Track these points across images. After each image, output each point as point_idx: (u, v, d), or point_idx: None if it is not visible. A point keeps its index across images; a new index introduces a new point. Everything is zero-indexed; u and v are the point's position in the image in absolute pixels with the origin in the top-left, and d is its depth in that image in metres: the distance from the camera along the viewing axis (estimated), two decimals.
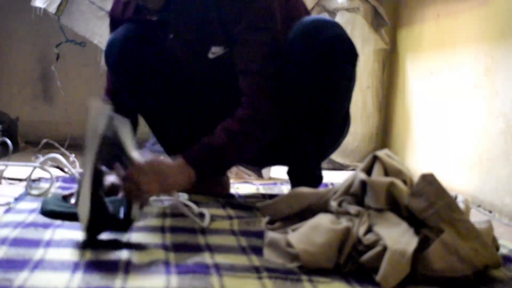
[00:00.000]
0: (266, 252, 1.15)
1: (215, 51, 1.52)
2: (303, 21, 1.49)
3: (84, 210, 1.14)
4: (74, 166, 2.02)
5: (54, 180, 1.70)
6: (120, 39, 1.59)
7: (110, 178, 1.38)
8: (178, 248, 1.16)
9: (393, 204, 1.11)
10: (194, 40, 1.54)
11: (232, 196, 1.75)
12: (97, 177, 1.16)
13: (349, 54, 1.51)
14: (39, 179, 1.83)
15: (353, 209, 1.12)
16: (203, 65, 1.56)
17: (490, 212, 1.78)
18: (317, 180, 1.62)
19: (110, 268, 1.02)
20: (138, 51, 1.59)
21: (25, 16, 2.63)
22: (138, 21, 1.59)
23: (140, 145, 2.45)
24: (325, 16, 2.70)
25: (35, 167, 1.76)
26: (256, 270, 1.04)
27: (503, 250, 1.24)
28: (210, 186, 1.70)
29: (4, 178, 1.86)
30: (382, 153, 1.18)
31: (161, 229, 1.30)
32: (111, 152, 1.20)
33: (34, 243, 1.14)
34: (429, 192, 1.06)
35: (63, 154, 2.09)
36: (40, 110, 3.17)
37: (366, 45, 2.70)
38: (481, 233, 1.05)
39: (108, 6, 2.47)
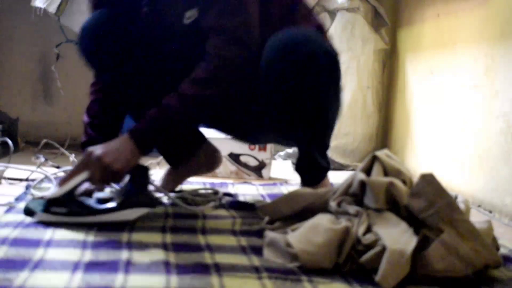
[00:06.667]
0: (266, 252, 1.15)
1: (190, 15, 1.46)
2: (278, 36, 1.42)
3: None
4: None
5: (55, 181, 1.70)
6: (92, 27, 1.53)
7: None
8: (178, 248, 1.16)
9: (392, 204, 1.11)
10: (169, 8, 1.49)
11: (231, 195, 1.75)
12: None
13: (328, 68, 1.44)
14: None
15: (352, 209, 1.12)
16: (181, 33, 1.50)
17: (490, 212, 1.78)
18: (323, 170, 1.55)
19: (110, 268, 1.02)
20: (110, 35, 1.52)
21: (25, 16, 2.63)
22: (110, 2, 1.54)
23: None
24: (323, 17, 2.70)
25: (33, 170, 1.76)
26: (256, 270, 1.04)
27: (503, 250, 1.24)
28: (195, 166, 1.73)
29: (4, 178, 1.86)
30: (381, 153, 1.18)
31: (161, 229, 1.30)
32: None
33: (34, 243, 1.14)
34: (429, 192, 1.06)
35: (63, 154, 2.09)
36: (40, 110, 3.17)
37: (366, 45, 2.70)
38: (481, 233, 1.05)
39: None
